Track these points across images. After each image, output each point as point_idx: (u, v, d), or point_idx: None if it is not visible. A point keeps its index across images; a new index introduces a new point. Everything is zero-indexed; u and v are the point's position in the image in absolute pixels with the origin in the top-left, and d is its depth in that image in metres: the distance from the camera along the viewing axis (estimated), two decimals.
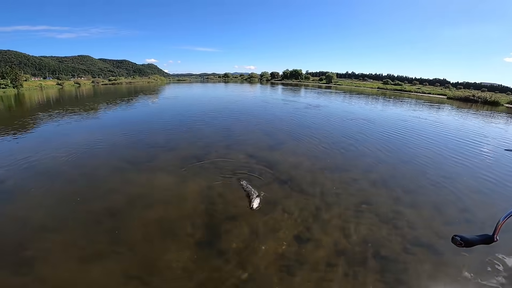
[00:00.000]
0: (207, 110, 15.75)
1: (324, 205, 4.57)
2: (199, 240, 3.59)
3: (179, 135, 9.29)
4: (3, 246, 3.52)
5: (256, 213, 4.25)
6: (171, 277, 2.96)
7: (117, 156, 7.03)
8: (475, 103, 29.11)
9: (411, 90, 49.01)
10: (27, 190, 5.08)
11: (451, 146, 8.75)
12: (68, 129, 10.95)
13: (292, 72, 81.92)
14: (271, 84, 61.16)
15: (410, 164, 6.80)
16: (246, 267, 3.11)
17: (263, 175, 5.68)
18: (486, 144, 9.47)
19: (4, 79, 38.84)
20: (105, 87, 52.53)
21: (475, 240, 0.97)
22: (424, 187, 5.47)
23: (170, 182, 5.39)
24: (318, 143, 8.41)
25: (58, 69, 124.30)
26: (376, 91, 47.66)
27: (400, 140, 9.36)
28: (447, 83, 66.14)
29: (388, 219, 4.18)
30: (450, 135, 10.71)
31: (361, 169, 6.32)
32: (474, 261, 3.26)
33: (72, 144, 8.00)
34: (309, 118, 13.41)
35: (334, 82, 68.65)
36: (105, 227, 3.89)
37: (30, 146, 8.07)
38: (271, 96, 27.84)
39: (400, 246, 3.52)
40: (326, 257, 3.30)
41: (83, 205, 4.51)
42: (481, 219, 4.28)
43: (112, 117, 14.32)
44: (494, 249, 3.39)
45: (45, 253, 3.36)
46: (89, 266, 3.15)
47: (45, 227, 3.93)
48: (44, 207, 4.47)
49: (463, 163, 7.02)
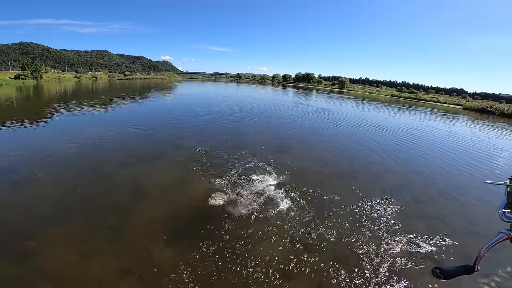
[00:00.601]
0: (219, 110, 15.85)
1: (328, 211, 4.49)
2: (200, 240, 3.57)
3: (187, 133, 9.33)
4: (7, 235, 3.59)
5: (257, 215, 4.21)
6: (169, 275, 2.96)
7: (126, 151, 7.13)
8: (492, 115, 28.07)
9: (426, 98, 47.82)
10: (37, 180, 5.21)
11: (463, 157, 8.45)
12: (82, 121, 11.24)
13: (304, 75, 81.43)
14: (283, 87, 61.02)
15: (421, 174, 6.61)
16: (246, 268, 3.09)
17: (269, 177, 5.64)
18: (501, 157, 9.11)
19: (25, 70, 40.41)
20: (120, 82, 53.76)
21: (454, 271, 0.96)
22: (433, 198, 5.32)
23: (175, 179, 5.42)
24: (327, 148, 8.29)
25: (77, 63, 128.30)
26: (390, 98, 46.73)
27: (411, 149, 9.12)
28: (464, 93, 64.10)
29: (394, 229, 4.06)
30: (463, 146, 10.36)
31: (369, 176, 6.19)
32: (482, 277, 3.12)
33: (85, 137, 8.19)
34: (319, 122, 13.27)
35: (347, 87, 67.76)
36: (109, 222, 3.93)
37: (43, 137, 8.32)
38: (283, 99, 27.75)
39: (405, 258, 3.42)
40: (324, 265, 3.23)
41: (88, 198, 4.57)
42: (488, 233, 4.11)
43: (125, 112, 14.60)
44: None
45: (47, 245, 3.41)
46: (89, 259, 3.18)
47: (50, 218, 4.00)
48: (51, 198, 4.56)
49: (473, 174, 6.78)
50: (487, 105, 31.94)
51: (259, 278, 2.99)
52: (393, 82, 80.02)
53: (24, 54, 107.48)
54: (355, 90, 63.27)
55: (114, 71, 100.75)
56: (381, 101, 36.99)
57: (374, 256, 3.44)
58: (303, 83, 77.79)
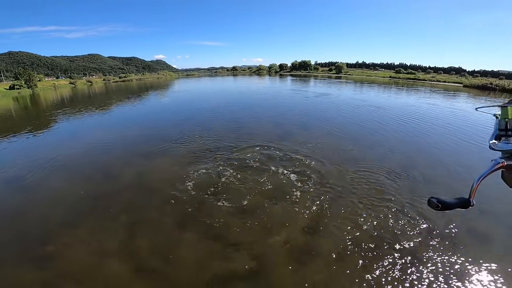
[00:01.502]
0: (218, 103, 15.71)
1: (337, 194, 4.47)
2: (211, 233, 3.58)
3: (190, 128, 9.22)
4: (27, 241, 3.63)
5: (266, 204, 4.21)
6: (185, 269, 2.98)
7: (131, 151, 7.10)
8: (493, 91, 27.83)
9: (425, 78, 47.35)
10: (47, 186, 5.23)
11: (468, 133, 8.37)
12: (83, 126, 11.19)
13: (300, 63, 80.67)
14: (280, 76, 60.46)
15: (425, 152, 6.58)
16: (257, 257, 3.10)
17: (274, 165, 5.62)
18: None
19: (18, 80, 40.01)
20: (116, 85, 53.38)
21: (452, 203, 0.91)
22: (442, 175, 5.29)
23: (182, 175, 5.38)
24: (330, 132, 8.22)
25: (70, 68, 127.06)
26: (389, 80, 46.33)
27: (415, 127, 9.03)
28: (463, 71, 63.32)
29: (404, 209, 4.04)
30: (466, 122, 10.27)
31: (373, 159, 6.13)
32: (494, 253, 3.10)
33: (88, 141, 8.17)
34: (321, 107, 13.14)
35: (344, 72, 67.10)
36: (122, 221, 3.96)
37: (48, 144, 8.31)
38: (282, 87, 27.49)
39: (416, 237, 3.40)
40: (338, 247, 3.23)
41: (100, 200, 4.58)
42: (499, 209, 4.07)
43: (125, 113, 14.52)
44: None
45: (66, 248, 3.45)
46: (106, 259, 3.21)
47: (65, 222, 4.03)
48: (63, 203, 4.57)
49: (480, 149, 6.73)
50: (487, 82, 31.57)
51: (272, 267, 3.00)
52: (391, 64, 79.06)
53: (14, 63, 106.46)
54: (353, 74, 62.64)
55: (108, 74, 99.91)
56: (380, 83, 36.66)
57: (386, 238, 3.43)
58: (300, 71, 77.06)
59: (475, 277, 2.74)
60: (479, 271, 2.81)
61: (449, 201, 0.90)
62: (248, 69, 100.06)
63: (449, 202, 0.90)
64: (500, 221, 3.81)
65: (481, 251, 3.13)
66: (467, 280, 2.70)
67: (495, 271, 2.80)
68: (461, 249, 3.16)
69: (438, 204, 0.89)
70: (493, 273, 2.78)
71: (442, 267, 2.88)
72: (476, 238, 3.39)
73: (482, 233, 3.49)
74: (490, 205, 4.11)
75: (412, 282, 2.71)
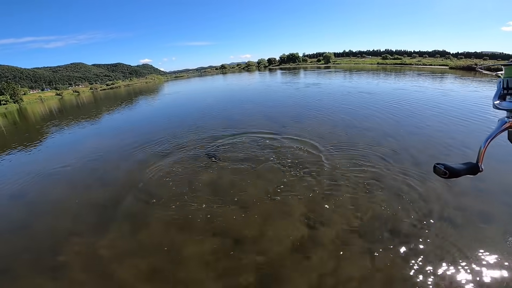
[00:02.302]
0: (210, 103, 15.69)
1: (334, 183, 4.57)
2: (215, 231, 3.67)
3: (184, 129, 9.22)
4: (39, 253, 3.68)
5: (266, 199, 4.32)
6: (194, 268, 3.06)
7: (126, 157, 7.08)
8: (478, 71, 28.51)
9: (412, 63, 47.93)
10: (51, 199, 5.24)
11: (460, 112, 8.62)
12: (76, 138, 11.09)
13: (289, 56, 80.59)
14: (269, 70, 60.35)
15: (417, 135, 6.73)
16: (262, 252, 3.17)
17: (269, 159, 5.74)
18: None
19: (3, 95, 39.01)
20: (104, 93, 52.53)
21: (460, 169, 0.86)
22: (434, 156, 5.41)
23: (180, 179, 5.44)
24: (323, 119, 8.35)
25: (54, 79, 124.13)
26: (377, 66, 46.76)
27: (406, 111, 9.23)
28: (447, 54, 64.26)
29: (400, 193, 4.13)
30: (459, 100, 10.56)
31: (368, 143, 6.26)
32: (492, 233, 3.18)
33: (83, 152, 8.11)
34: (313, 96, 13.27)
35: (332, 61, 67.41)
36: (127, 227, 4.02)
37: (45, 158, 8.26)
38: (272, 81, 27.54)
39: (416, 220, 3.47)
40: (340, 236, 3.31)
41: (103, 208, 4.62)
42: (493, 186, 4.17)
43: (117, 121, 14.39)
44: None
45: (77, 257, 3.50)
46: (118, 264, 3.27)
47: (72, 232, 4.07)
48: (68, 213, 4.62)
49: (472, 127, 6.96)
50: (472, 63, 32.36)
51: (277, 260, 3.13)
52: (377, 51, 79.71)
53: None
54: (341, 63, 62.98)
55: (94, 83, 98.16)
56: (369, 70, 37.00)
57: (385, 223, 3.59)
58: (289, 63, 76.99)
59: (475, 257, 2.82)
60: (477, 252, 2.89)
61: (456, 167, 0.85)
62: (237, 66, 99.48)
63: (457, 169, 0.85)
64: (495, 199, 3.89)
65: (478, 231, 3.23)
66: (467, 261, 2.78)
67: (494, 251, 2.89)
68: (459, 230, 3.26)
69: (446, 171, 0.84)
70: (493, 252, 2.87)
71: (442, 248, 2.98)
72: (473, 218, 3.48)
73: (479, 212, 3.57)
74: (484, 182, 4.26)
75: (414, 263, 2.81)
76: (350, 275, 2.76)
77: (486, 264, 2.71)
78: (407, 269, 2.75)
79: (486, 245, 2.97)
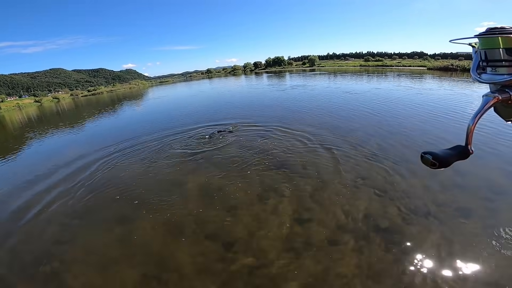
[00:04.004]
0: (197, 108, 15.59)
1: (320, 184, 4.68)
2: (206, 234, 3.69)
3: (169, 133, 9.12)
4: (25, 264, 3.56)
5: (254, 200, 4.38)
6: (186, 273, 3.06)
7: (110, 163, 6.90)
8: (455, 71, 29.99)
9: (392, 64, 49.79)
10: (32, 208, 5.05)
11: (439, 110, 9.06)
12: (58, 145, 10.70)
13: (274, 59, 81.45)
14: (256, 74, 60.74)
15: (398, 135, 6.96)
16: (254, 254, 3.20)
17: (255, 160, 5.83)
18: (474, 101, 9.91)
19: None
20: (85, 99, 50.96)
21: (449, 156, 0.78)
22: (415, 156, 5.52)
23: (168, 181, 5.41)
24: (310, 121, 8.52)
25: (32, 86, 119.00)
26: (359, 68, 48.17)
27: (389, 110, 9.60)
28: (425, 55, 67.02)
29: (384, 191, 4.27)
30: (435, 100, 11.08)
31: (353, 142, 6.47)
32: (473, 227, 3.32)
33: (66, 158, 7.83)
34: (299, 98, 13.49)
35: (317, 64, 68.76)
36: (116, 233, 3.98)
37: (25, 166, 7.91)
38: (259, 85, 27.73)
39: (400, 217, 3.61)
40: (330, 235, 3.40)
41: (89, 215, 4.55)
42: (474, 182, 4.38)
43: (100, 128, 14.01)
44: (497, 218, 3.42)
45: (65, 265, 3.44)
46: (108, 272, 3.24)
47: (58, 241, 3.98)
48: (54, 222, 4.49)
49: (453, 125, 7.34)
50: (449, 64, 34.02)
51: (270, 261, 3.18)
52: (359, 53, 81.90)
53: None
54: (326, 66, 64.39)
55: (75, 89, 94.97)
56: (352, 72, 38.04)
57: (372, 221, 3.72)
58: (274, 67, 77.81)
59: (457, 252, 2.96)
60: (459, 247, 3.03)
61: (444, 154, 0.78)
62: (223, 70, 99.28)
63: (446, 157, 0.77)
64: (474, 194, 4.08)
65: (460, 226, 3.39)
66: (450, 256, 2.91)
67: (474, 245, 3.06)
68: (441, 225, 3.41)
69: (434, 161, 0.76)
70: (473, 247, 3.04)
71: (426, 243, 3.12)
72: (454, 213, 3.64)
73: (459, 208, 3.74)
74: (462, 177, 4.51)
75: (400, 259, 2.94)
76: (340, 272, 2.85)
77: (467, 259, 2.84)
78: (393, 265, 2.87)
79: (467, 240, 3.13)
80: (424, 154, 0.79)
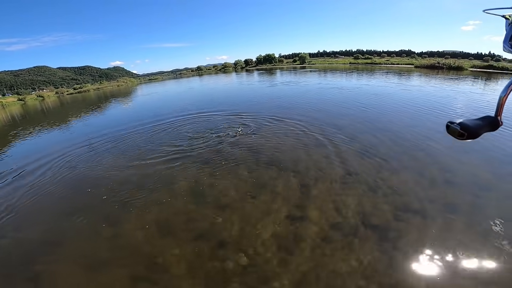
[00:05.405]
0: (189, 106, 15.34)
1: (311, 180, 4.69)
2: (196, 233, 3.63)
3: (159, 132, 8.97)
4: (9, 267, 3.42)
5: (245, 197, 4.35)
6: (177, 273, 3.01)
7: (97, 161, 6.74)
8: (441, 69, 30.73)
9: (381, 62, 50.50)
10: (14, 210, 4.86)
11: (427, 107, 9.25)
12: (43, 144, 10.31)
13: (265, 57, 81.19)
14: (247, 71, 60.39)
15: (386, 131, 7.06)
16: (246, 253, 3.18)
17: (246, 156, 5.79)
18: (461, 98, 10.17)
19: None
20: (71, 97, 49.50)
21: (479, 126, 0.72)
22: (404, 152, 5.67)
23: (156, 180, 5.31)
24: (299, 120, 8.53)
25: (16, 84, 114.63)
26: (349, 66, 48.67)
27: (378, 107, 9.73)
28: (412, 53, 68.43)
29: (375, 187, 4.31)
30: (422, 97, 11.31)
31: (344, 139, 6.52)
32: (461, 223, 3.38)
33: (51, 159, 7.58)
34: (291, 95, 13.48)
35: (307, 62, 69.03)
36: (105, 234, 3.87)
37: (8, 165, 7.58)
38: (250, 82, 27.57)
39: (390, 214, 3.64)
40: (321, 232, 3.40)
41: (77, 217, 4.40)
42: (462, 178, 4.48)
43: (87, 126, 13.61)
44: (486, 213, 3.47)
45: (52, 267, 3.34)
46: (96, 274, 3.15)
47: (44, 242, 3.87)
48: (41, 223, 4.35)
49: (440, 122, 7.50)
50: (435, 62, 34.78)
51: (261, 259, 3.15)
52: (349, 51, 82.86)
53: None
54: (316, 63, 64.72)
55: (60, 87, 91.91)
56: (342, 69, 38.39)
57: (363, 218, 3.74)
58: (265, 64, 77.62)
59: (447, 248, 2.99)
60: (448, 243, 3.08)
61: (474, 125, 0.71)
62: (214, 68, 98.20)
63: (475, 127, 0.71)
64: (463, 190, 4.16)
65: (448, 222, 3.43)
66: (440, 252, 2.94)
67: (463, 241, 3.12)
68: (430, 221, 3.46)
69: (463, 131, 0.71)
70: (462, 242, 3.09)
71: (417, 239, 3.16)
72: (443, 209, 3.70)
73: (447, 204, 3.80)
74: (453, 175, 4.58)
75: (392, 255, 2.97)
76: (333, 270, 2.85)
77: (457, 254, 2.90)
78: (385, 262, 2.89)
79: (455, 236, 3.18)
80: (450, 123, 0.74)
